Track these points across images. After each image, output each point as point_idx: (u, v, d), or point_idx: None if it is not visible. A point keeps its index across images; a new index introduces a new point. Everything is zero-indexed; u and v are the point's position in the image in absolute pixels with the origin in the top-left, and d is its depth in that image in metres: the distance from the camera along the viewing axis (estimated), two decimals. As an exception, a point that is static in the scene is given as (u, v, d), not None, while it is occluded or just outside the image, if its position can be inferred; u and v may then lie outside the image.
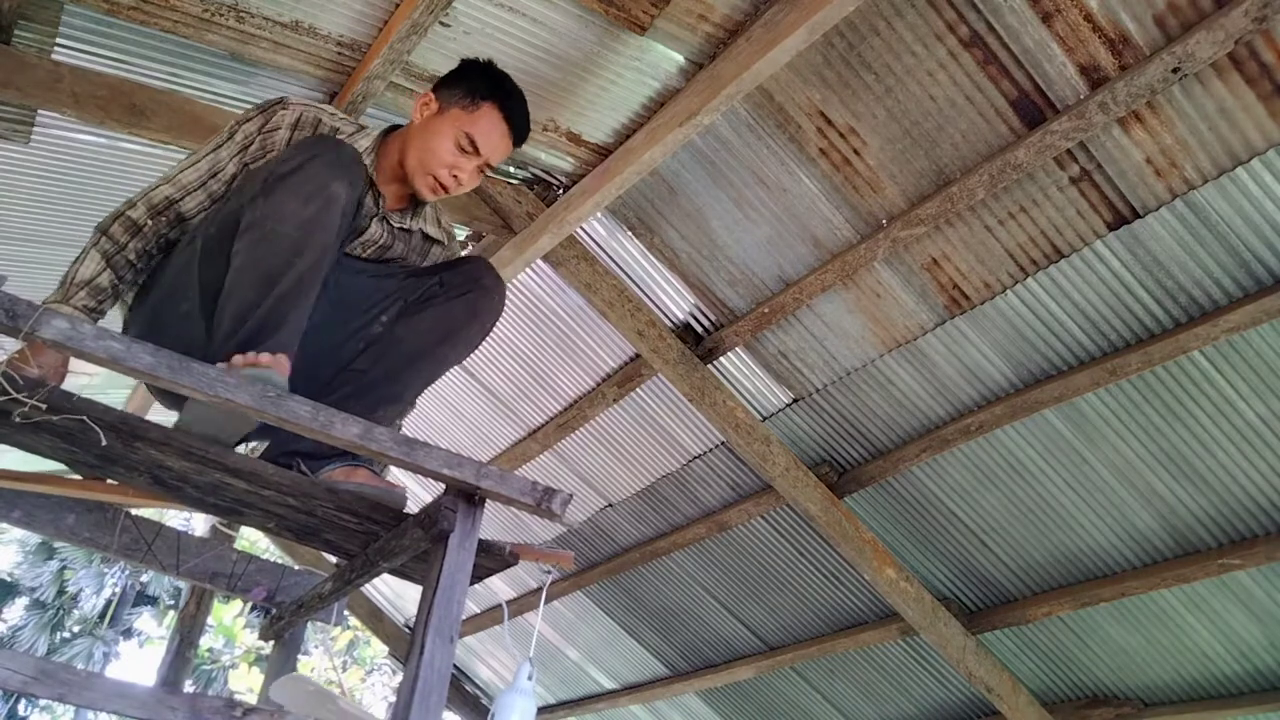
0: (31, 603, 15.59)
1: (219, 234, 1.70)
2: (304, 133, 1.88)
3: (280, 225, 1.63)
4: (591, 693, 5.76)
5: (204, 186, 1.83)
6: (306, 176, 1.66)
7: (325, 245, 1.68)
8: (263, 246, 1.63)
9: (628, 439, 4.15)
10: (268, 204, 1.64)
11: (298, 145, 1.74)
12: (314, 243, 1.65)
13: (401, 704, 1.37)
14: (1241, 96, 2.24)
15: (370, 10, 2.51)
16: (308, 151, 1.69)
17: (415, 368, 1.93)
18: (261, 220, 1.64)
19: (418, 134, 1.96)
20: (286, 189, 1.65)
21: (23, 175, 2.98)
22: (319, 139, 1.77)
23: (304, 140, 1.78)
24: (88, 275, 1.70)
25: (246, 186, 1.73)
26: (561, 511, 1.52)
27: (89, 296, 1.68)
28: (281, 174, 1.66)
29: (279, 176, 1.66)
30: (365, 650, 14.86)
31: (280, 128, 1.87)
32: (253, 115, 1.89)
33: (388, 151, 1.97)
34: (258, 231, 1.64)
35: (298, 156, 1.68)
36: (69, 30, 2.47)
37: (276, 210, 1.64)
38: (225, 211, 1.73)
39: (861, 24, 2.46)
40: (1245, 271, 2.53)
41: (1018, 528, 3.46)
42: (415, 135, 1.97)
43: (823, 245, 3.03)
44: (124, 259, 1.74)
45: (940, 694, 4.24)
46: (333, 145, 1.73)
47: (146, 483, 1.63)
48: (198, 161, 1.84)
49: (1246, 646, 3.33)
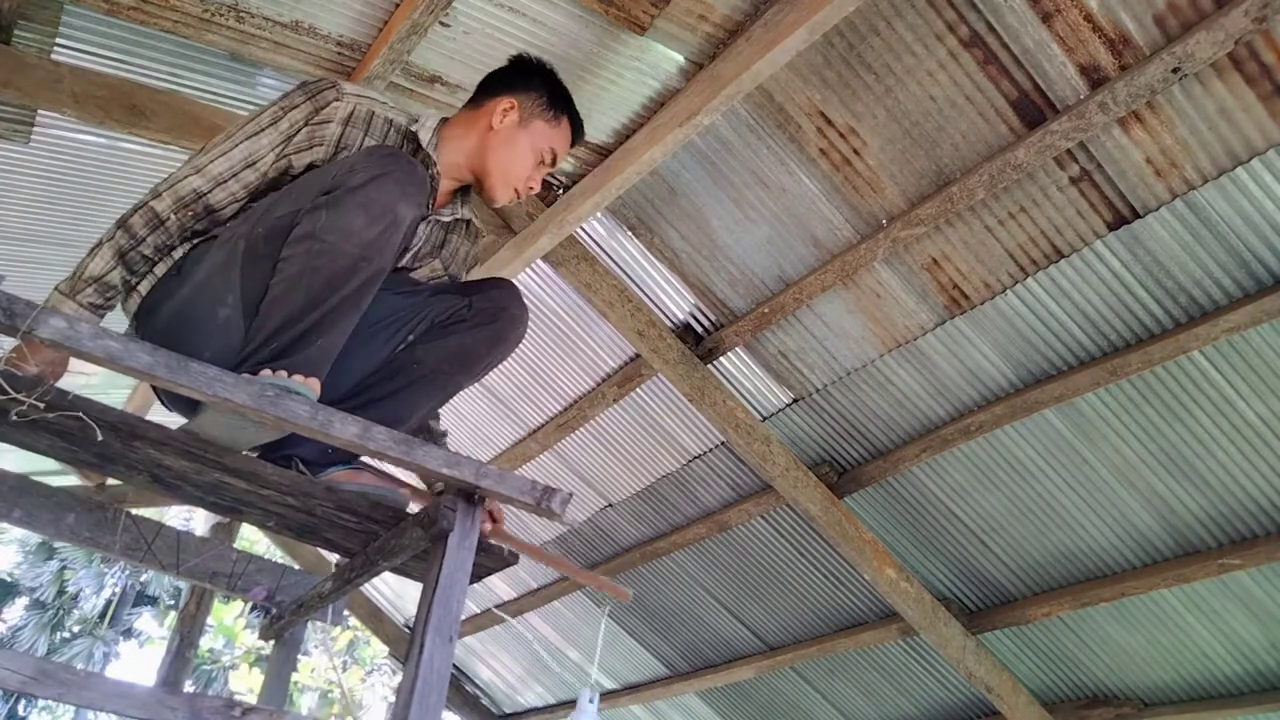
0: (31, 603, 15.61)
1: (268, 236, 1.61)
2: (356, 129, 1.79)
3: (341, 241, 1.56)
4: (591, 693, 5.76)
5: (237, 177, 1.70)
6: (375, 194, 1.59)
7: (381, 269, 1.62)
8: (318, 259, 1.56)
9: (628, 439, 4.15)
10: (330, 216, 1.57)
11: (369, 157, 1.64)
12: (371, 265, 1.59)
13: (401, 704, 1.37)
14: (1241, 96, 2.24)
15: (370, 10, 2.51)
16: (380, 167, 1.61)
17: (429, 391, 1.90)
18: (321, 232, 1.57)
19: (502, 143, 1.91)
20: (354, 204, 1.58)
21: (23, 175, 2.97)
22: (392, 154, 1.65)
23: (376, 152, 1.66)
24: (97, 271, 1.61)
25: (304, 190, 1.64)
26: (561, 511, 1.52)
27: (96, 294, 1.60)
28: (351, 187, 1.58)
29: (348, 189, 1.58)
30: (365, 650, 14.86)
31: (331, 121, 1.77)
32: (299, 101, 1.76)
33: (448, 150, 1.90)
34: (315, 243, 1.57)
35: (369, 170, 1.60)
36: (69, 30, 2.47)
37: (339, 225, 1.57)
38: (277, 214, 1.63)
39: (861, 24, 2.46)
40: (1245, 271, 2.53)
41: (1018, 528, 3.46)
42: (498, 143, 1.91)
43: (823, 245, 3.03)
44: (139, 254, 1.64)
45: (940, 694, 4.24)
46: (405, 165, 1.64)
47: (145, 481, 1.63)
48: (230, 150, 1.71)
49: (1246, 646, 3.33)
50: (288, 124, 1.74)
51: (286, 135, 1.74)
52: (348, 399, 1.82)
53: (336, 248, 1.56)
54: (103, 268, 1.62)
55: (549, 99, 1.98)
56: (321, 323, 1.57)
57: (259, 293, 1.59)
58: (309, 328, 1.56)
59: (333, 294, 1.57)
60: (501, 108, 1.94)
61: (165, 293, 1.65)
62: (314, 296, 1.56)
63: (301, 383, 1.49)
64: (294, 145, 1.74)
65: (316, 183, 1.64)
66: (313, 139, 1.75)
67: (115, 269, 1.62)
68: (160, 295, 1.66)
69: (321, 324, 1.57)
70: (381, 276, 1.64)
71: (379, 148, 1.70)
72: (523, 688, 6.24)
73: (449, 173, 1.92)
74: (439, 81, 2.75)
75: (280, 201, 1.65)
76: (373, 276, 1.61)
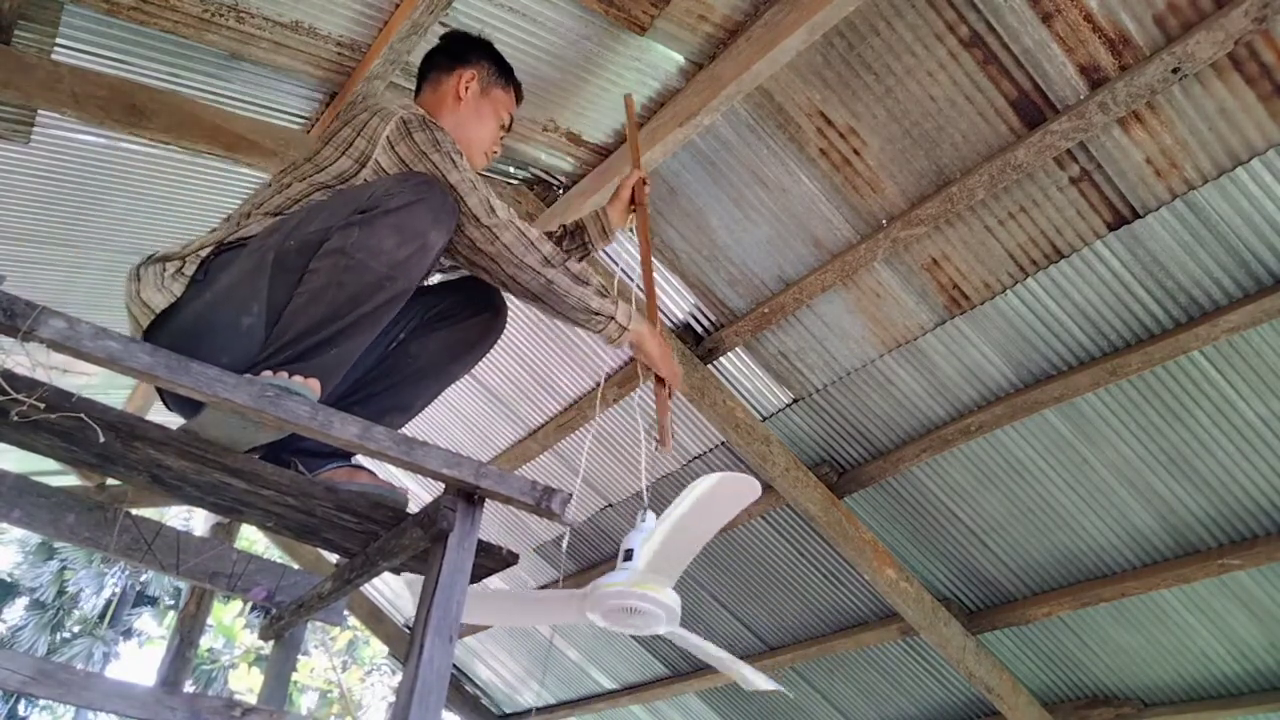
0: (31, 603, 15.61)
1: (299, 249, 1.63)
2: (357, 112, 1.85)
3: (370, 259, 1.59)
4: (592, 693, 5.76)
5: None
6: (409, 219, 1.62)
7: (406, 290, 1.65)
8: (345, 274, 1.59)
9: (628, 439, 4.14)
10: (363, 234, 1.60)
11: (405, 182, 1.68)
12: (396, 285, 1.62)
13: (401, 704, 1.37)
14: (1241, 96, 2.24)
15: (370, 10, 2.51)
16: (415, 193, 1.65)
17: (426, 383, 1.96)
18: (352, 249, 1.59)
19: (471, 113, 2.02)
20: (387, 225, 1.61)
21: (23, 175, 2.97)
22: (427, 181, 1.71)
23: (413, 178, 1.71)
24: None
25: (339, 208, 1.67)
26: (561, 511, 1.52)
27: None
28: (387, 209, 1.62)
29: (384, 211, 1.62)
30: (365, 650, 14.85)
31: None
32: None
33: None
34: (344, 258, 1.59)
35: (405, 195, 1.64)
36: (69, 30, 2.47)
37: (371, 243, 1.60)
38: (310, 229, 1.65)
39: (861, 24, 2.46)
40: (1245, 271, 2.53)
41: (1018, 528, 3.46)
42: (468, 114, 2.02)
43: (823, 245, 3.03)
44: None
45: (940, 694, 4.24)
46: (439, 193, 1.69)
47: (145, 482, 1.63)
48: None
49: (1246, 646, 3.33)
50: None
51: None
52: (345, 398, 1.85)
53: (365, 265, 1.59)
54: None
55: (498, 68, 2.12)
56: (338, 335, 1.59)
57: (284, 303, 1.61)
58: (325, 339, 1.58)
59: (354, 309, 1.59)
60: (464, 81, 2.04)
61: (188, 296, 1.65)
62: (336, 309, 1.58)
63: (302, 383, 1.50)
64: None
65: (351, 201, 1.66)
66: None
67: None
68: (184, 298, 1.66)
69: (338, 336, 1.59)
70: (404, 298, 1.66)
71: (415, 174, 1.74)
72: (523, 688, 6.24)
73: None
74: (439, 81, 2.75)
75: (313, 216, 1.68)
76: (396, 296, 1.64)
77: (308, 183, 1.77)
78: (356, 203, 1.65)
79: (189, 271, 1.65)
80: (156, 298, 1.64)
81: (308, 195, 1.76)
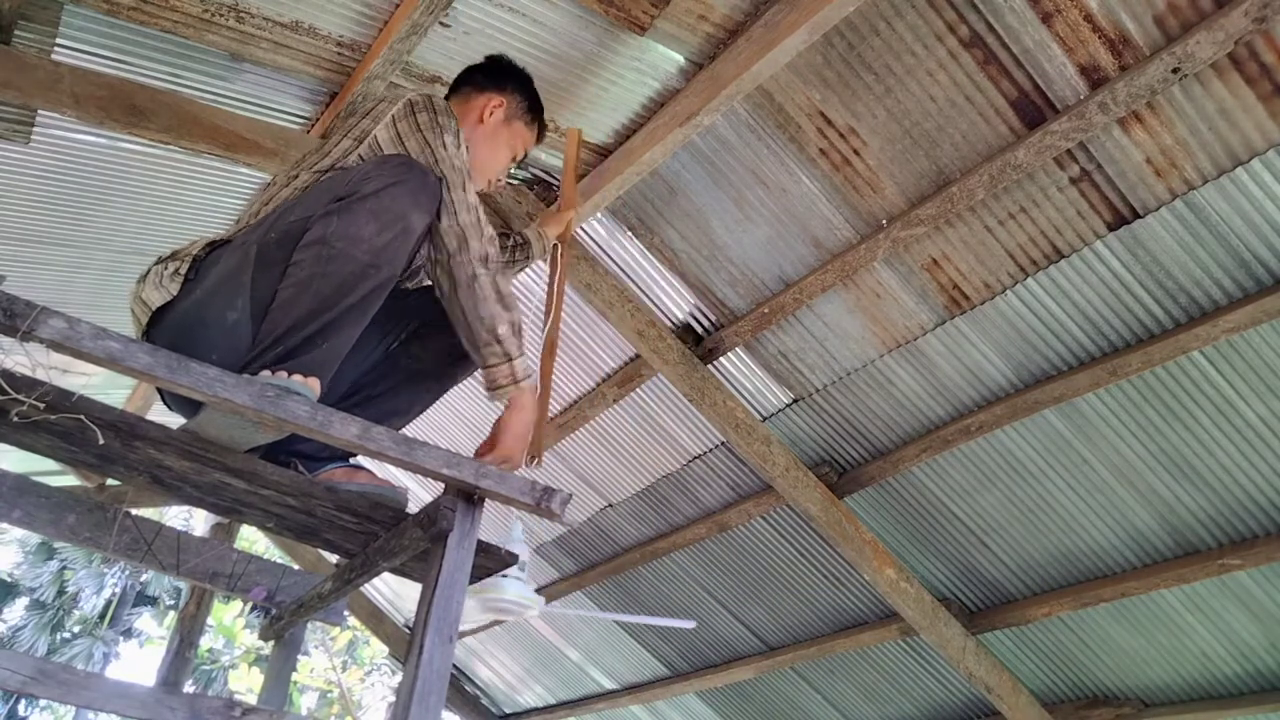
0: (31, 603, 15.62)
1: (279, 241, 1.61)
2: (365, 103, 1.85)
3: (351, 248, 1.56)
4: (591, 693, 5.76)
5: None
6: (388, 202, 1.59)
7: (391, 276, 1.62)
8: (328, 265, 1.56)
9: (628, 439, 4.14)
10: (342, 222, 1.57)
11: (383, 166, 1.65)
12: (380, 272, 1.59)
13: (401, 704, 1.37)
14: (1241, 96, 2.24)
15: (370, 11, 2.51)
16: (393, 175, 1.62)
17: (426, 386, 1.96)
18: (332, 238, 1.57)
19: (486, 137, 2.00)
20: (365, 211, 1.58)
21: (23, 175, 2.97)
22: (405, 162, 1.68)
23: (391, 160, 1.68)
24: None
25: (318, 196, 1.64)
26: (561, 511, 1.52)
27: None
28: (364, 194, 1.59)
29: (360, 196, 1.59)
30: (365, 650, 14.86)
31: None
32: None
33: None
34: (325, 249, 1.56)
35: (382, 178, 1.61)
36: (69, 30, 2.47)
37: (350, 231, 1.57)
38: (290, 219, 1.63)
39: (861, 24, 2.46)
40: (1245, 271, 2.53)
41: (1018, 528, 3.46)
42: (483, 137, 2.00)
43: (823, 245, 3.03)
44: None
45: (940, 694, 4.24)
46: (419, 173, 1.66)
47: (145, 482, 1.63)
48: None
49: (1246, 646, 3.33)
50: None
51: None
52: (345, 399, 1.84)
53: (346, 254, 1.56)
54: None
55: (530, 104, 2.11)
56: (328, 327, 1.57)
57: (269, 297, 1.59)
58: (315, 332, 1.56)
59: (341, 299, 1.56)
60: (492, 104, 2.02)
61: (182, 294, 1.65)
62: (322, 301, 1.56)
63: (302, 383, 1.49)
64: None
65: (330, 189, 1.64)
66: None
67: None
68: (178, 296, 1.65)
69: (328, 329, 1.57)
70: (391, 284, 1.64)
71: (393, 156, 1.71)
72: (523, 688, 6.24)
73: None
74: (439, 81, 2.75)
75: (294, 207, 1.66)
76: (382, 284, 1.61)
77: (313, 172, 1.75)
78: (334, 190, 1.63)
79: (184, 270, 1.65)
80: (154, 296, 1.64)
81: (313, 185, 1.73)
